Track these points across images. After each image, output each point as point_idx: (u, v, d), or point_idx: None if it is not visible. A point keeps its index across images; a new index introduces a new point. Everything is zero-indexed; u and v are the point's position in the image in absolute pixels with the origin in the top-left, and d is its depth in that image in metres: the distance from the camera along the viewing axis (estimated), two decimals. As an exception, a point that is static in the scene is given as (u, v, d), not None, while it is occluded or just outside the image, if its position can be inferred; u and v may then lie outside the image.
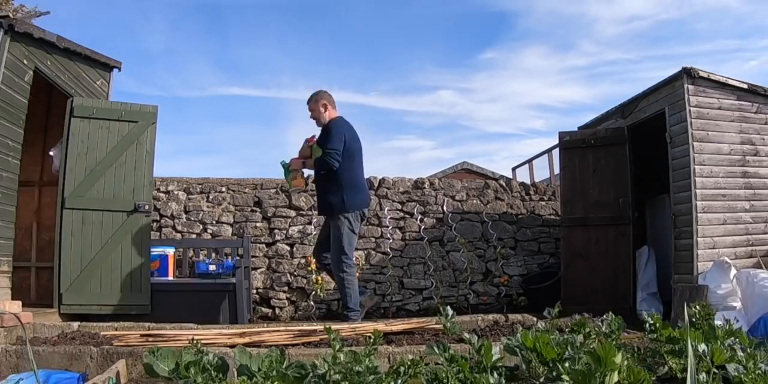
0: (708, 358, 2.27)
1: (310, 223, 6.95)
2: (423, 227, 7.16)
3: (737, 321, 3.46)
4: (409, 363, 2.15)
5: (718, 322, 3.15)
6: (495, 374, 2.05)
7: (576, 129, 7.52)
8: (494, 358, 2.25)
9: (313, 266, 6.77)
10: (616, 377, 1.85)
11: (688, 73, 5.63)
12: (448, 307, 4.11)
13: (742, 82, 5.86)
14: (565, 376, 1.85)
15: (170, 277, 5.96)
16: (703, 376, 2.14)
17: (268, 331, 4.10)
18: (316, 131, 5.30)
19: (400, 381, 2.13)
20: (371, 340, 2.24)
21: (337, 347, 2.18)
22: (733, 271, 5.10)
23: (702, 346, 2.36)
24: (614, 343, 2.75)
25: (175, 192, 6.92)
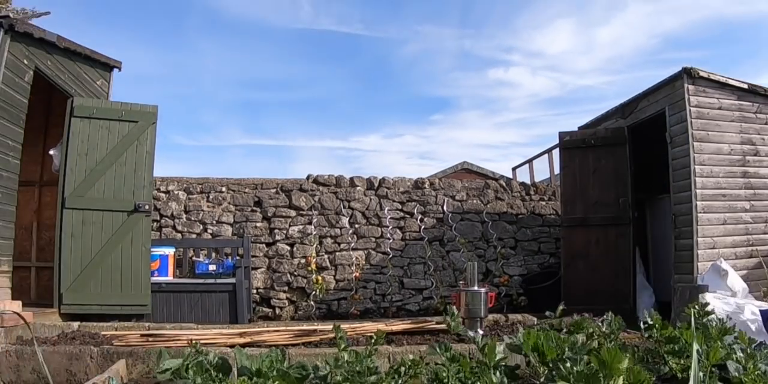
0: (704, 357, 2.28)
1: (310, 223, 6.95)
2: (423, 227, 7.16)
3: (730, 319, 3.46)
4: (409, 363, 2.15)
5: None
6: (498, 373, 2.05)
7: (576, 130, 7.52)
8: (497, 357, 2.25)
9: (313, 266, 6.77)
10: (621, 381, 1.84)
11: (688, 73, 5.63)
12: (453, 306, 4.10)
13: (743, 82, 5.85)
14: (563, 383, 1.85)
15: (170, 277, 5.96)
16: (700, 375, 2.14)
17: (268, 331, 4.10)
18: None
19: (400, 381, 2.13)
20: (372, 341, 2.24)
21: (342, 346, 2.19)
22: (730, 278, 5.05)
23: (703, 346, 2.37)
24: (614, 343, 2.75)
25: (175, 192, 6.92)
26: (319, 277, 6.76)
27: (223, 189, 7.03)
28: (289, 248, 6.88)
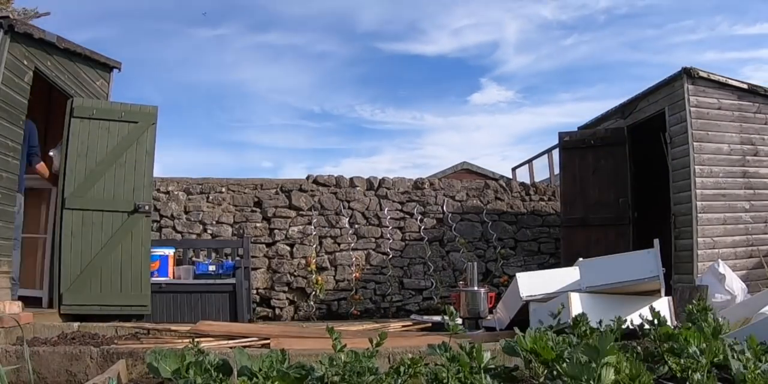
0: (704, 356, 2.28)
1: (310, 224, 6.95)
2: (423, 227, 7.16)
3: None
4: (409, 362, 2.15)
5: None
6: (488, 377, 2.06)
7: (576, 130, 7.52)
8: (486, 359, 2.26)
9: (313, 266, 6.77)
10: (612, 375, 1.85)
11: (687, 73, 5.63)
12: (452, 306, 4.12)
13: (742, 82, 5.86)
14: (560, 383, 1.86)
15: (170, 278, 5.95)
16: (698, 375, 2.15)
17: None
18: None
19: (400, 381, 2.13)
20: (374, 342, 2.25)
21: (338, 347, 2.18)
22: (728, 279, 5.03)
23: (702, 345, 2.37)
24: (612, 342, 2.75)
25: (175, 192, 6.92)
26: (319, 278, 6.76)
27: (223, 189, 7.03)
28: (289, 249, 6.89)
